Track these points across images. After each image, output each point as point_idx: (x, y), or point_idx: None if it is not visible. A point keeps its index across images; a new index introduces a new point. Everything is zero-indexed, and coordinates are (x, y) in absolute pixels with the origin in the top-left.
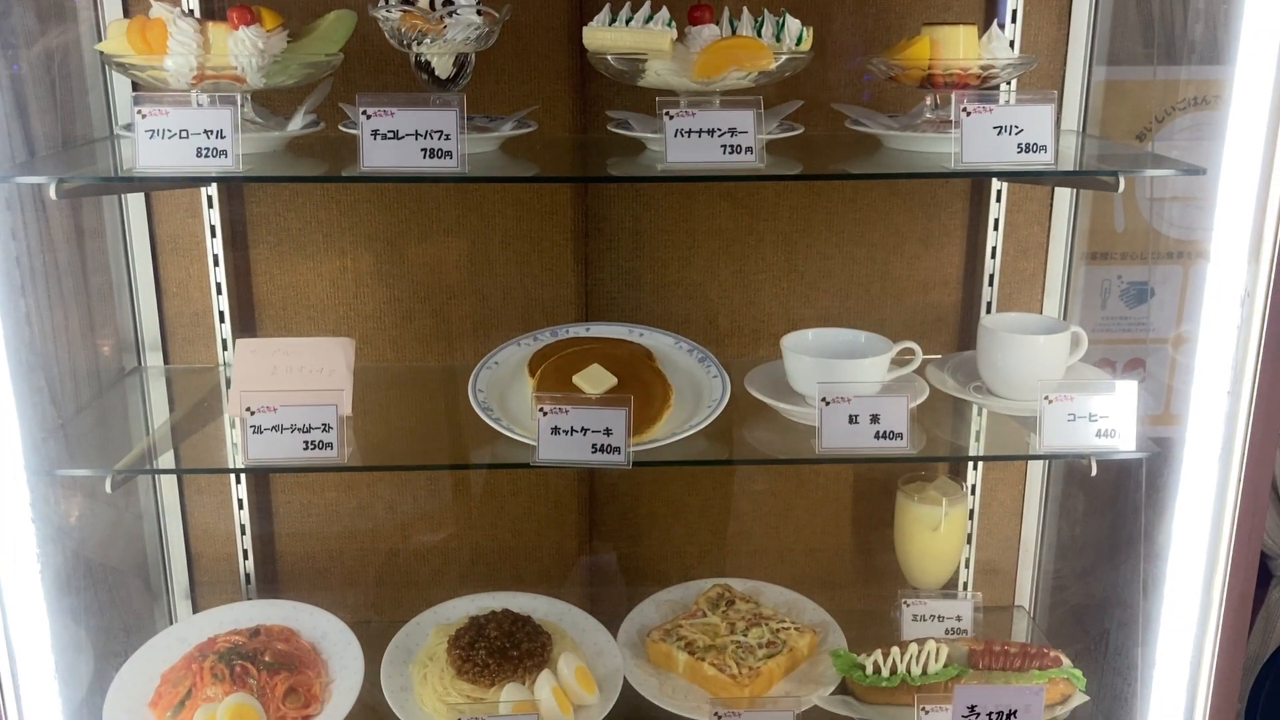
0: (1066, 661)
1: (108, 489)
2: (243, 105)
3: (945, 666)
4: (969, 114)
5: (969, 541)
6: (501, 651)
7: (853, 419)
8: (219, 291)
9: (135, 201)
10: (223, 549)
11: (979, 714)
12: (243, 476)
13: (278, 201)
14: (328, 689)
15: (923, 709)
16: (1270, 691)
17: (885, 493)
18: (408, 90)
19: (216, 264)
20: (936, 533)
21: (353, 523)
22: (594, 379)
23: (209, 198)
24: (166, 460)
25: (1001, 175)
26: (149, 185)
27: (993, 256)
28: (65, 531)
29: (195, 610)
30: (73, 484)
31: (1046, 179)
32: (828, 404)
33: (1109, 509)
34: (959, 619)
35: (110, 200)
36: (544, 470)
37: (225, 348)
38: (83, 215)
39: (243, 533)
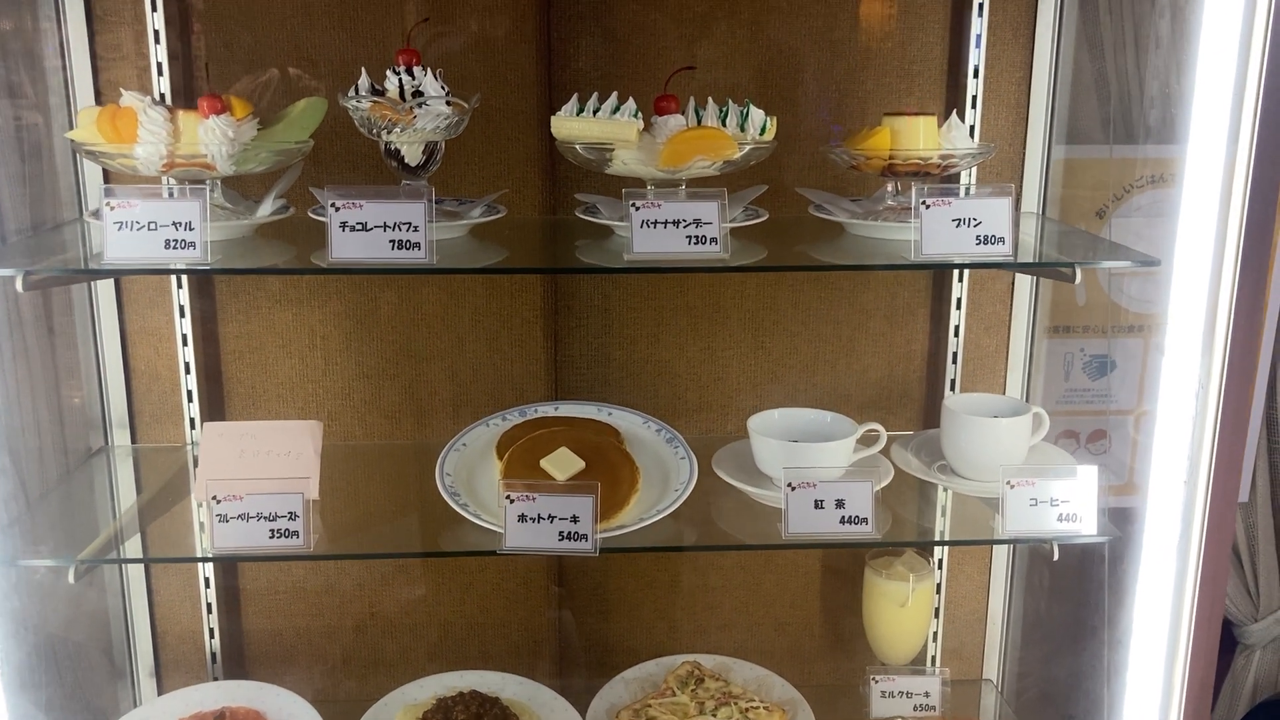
0: None
1: (70, 580)
2: (212, 190)
3: None
4: (928, 207)
5: (936, 616)
6: None
7: (818, 504)
8: (187, 371)
9: (104, 283)
10: (188, 627)
11: None
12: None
13: (247, 281)
14: None
15: None
16: None
17: (853, 567)
18: (377, 175)
19: (185, 344)
20: (904, 608)
21: (319, 600)
22: (562, 463)
23: (178, 279)
24: (133, 546)
25: (960, 266)
26: (117, 274)
27: (956, 334)
28: (28, 619)
29: (160, 691)
30: (36, 571)
31: (1005, 269)
32: (794, 489)
33: (1073, 588)
34: (927, 695)
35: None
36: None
37: (193, 426)
38: (51, 296)
39: (209, 612)
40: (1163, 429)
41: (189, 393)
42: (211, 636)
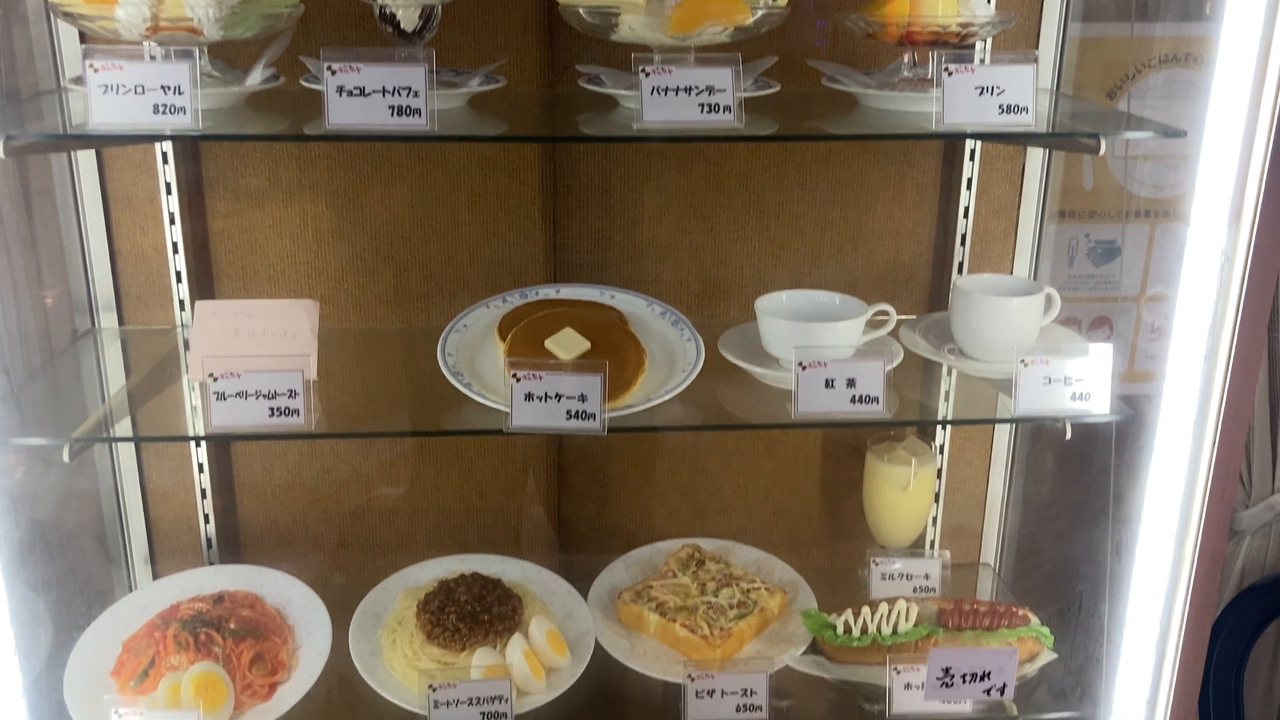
0: (1034, 620)
1: (65, 458)
2: (199, 59)
3: (915, 626)
4: (951, 74)
5: (937, 501)
6: (472, 615)
7: (829, 383)
8: (175, 251)
9: (86, 158)
10: (183, 514)
11: (953, 676)
12: (203, 441)
13: (235, 158)
14: (295, 655)
15: (895, 669)
16: (1225, 641)
17: (854, 453)
18: (370, 44)
19: (172, 222)
20: (905, 492)
21: (316, 486)
22: (567, 343)
23: (164, 154)
24: (125, 428)
25: (982, 137)
26: (102, 142)
27: (965, 215)
28: (21, 500)
29: (156, 577)
30: (27, 452)
31: (1027, 141)
32: (804, 368)
33: (1077, 470)
34: (927, 577)
35: (59, 156)
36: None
37: (183, 308)
38: (30, 172)
39: (203, 497)
40: (1183, 304)
41: (177, 274)
42: (206, 522)
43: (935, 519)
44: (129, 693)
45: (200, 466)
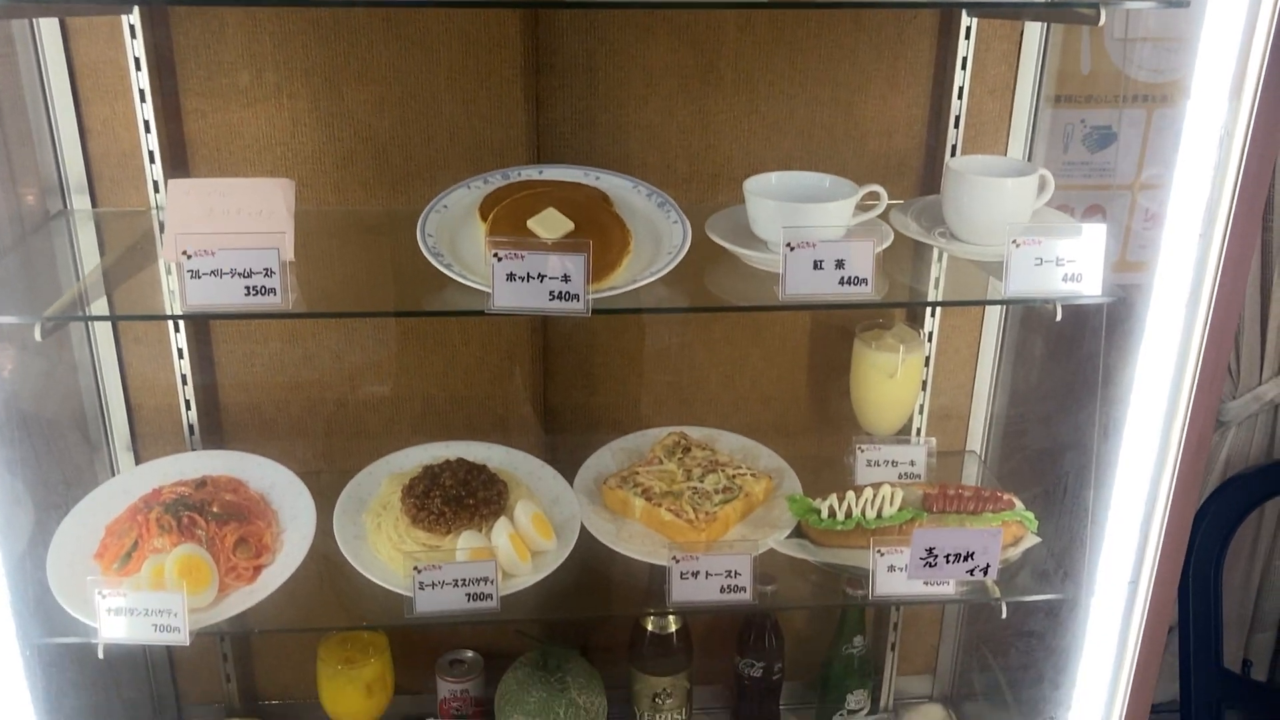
0: (1019, 504)
1: (37, 337)
2: None
3: (900, 510)
4: None
5: (924, 388)
6: (457, 500)
7: (817, 264)
8: (147, 130)
9: (50, 31)
10: (164, 400)
11: (937, 556)
12: (181, 325)
13: (206, 32)
14: (279, 539)
15: (878, 551)
16: (1206, 530)
17: (841, 340)
18: None
19: (143, 99)
20: (893, 380)
21: (299, 373)
22: (550, 223)
23: (131, 27)
24: (100, 308)
25: (980, 5)
26: (64, 8)
27: (959, 97)
28: None
29: (138, 463)
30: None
31: (1024, 11)
32: (792, 249)
33: (1065, 353)
34: (912, 464)
35: (21, 30)
36: (496, 319)
37: (156, 190)
38: None
39: (184, 383)
40: (1179, 181)
41: (150, 154)
42: (188, 409)
43: (922, 406)
44: (112, 575)
45: (180, 352)
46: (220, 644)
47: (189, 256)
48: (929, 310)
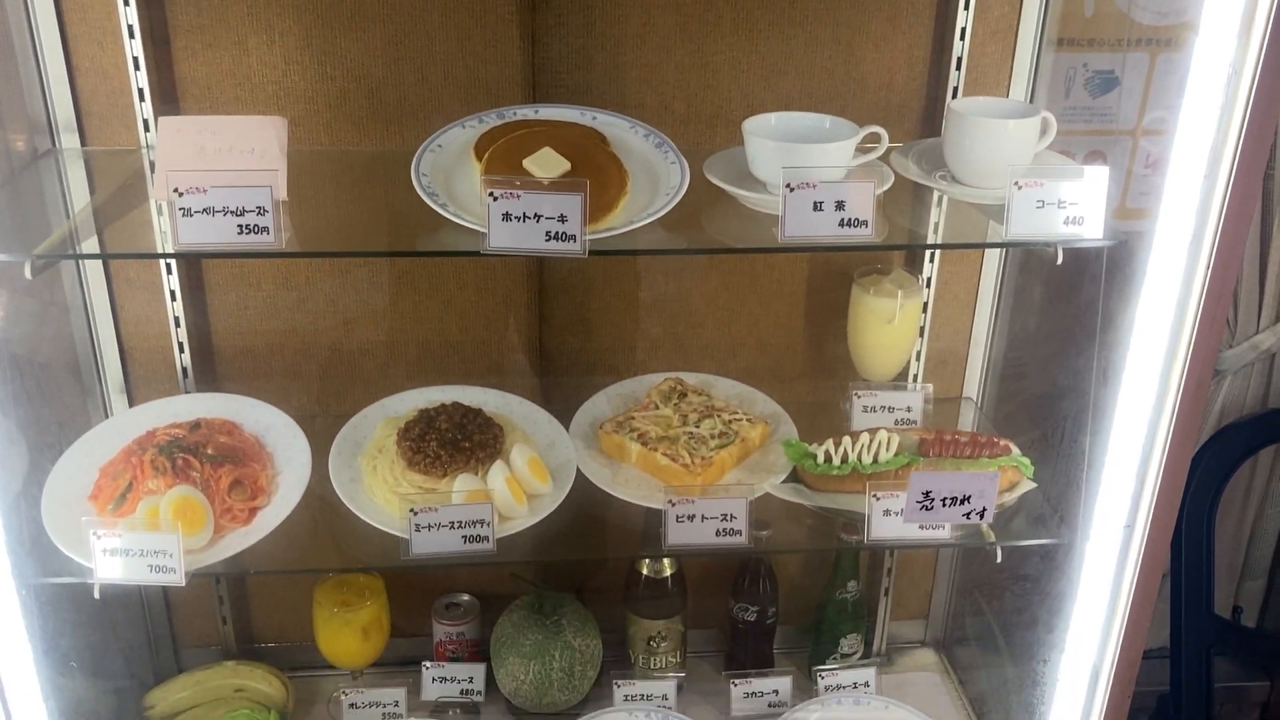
0: (1015, 450)
1: (27, 275)
2: None
3: (896, 455)
4: None
5: (921, 335)
6: (453, 443)
7: (817, 206)
8: (136, 68)
9: None
10: (157, 343)
11: (933, 500)
12: (174, 268)
13: None
14: (274, 481)
15: (874, 495)
16: (1200, 478)
17: (839, 286)
18: None
19: (132, 36)
20: (890, 325)
21: (292, 317)
22: (546, 163)
23: None
24: (90, 247)
25: None
26: None
27: (961, 38)
28: None
29: (131, 406)
30: None
31: None
32: (791, 190)
33: (1065, 297)
34: (909, 410)
35: None
36: (491, 263)
37: (146, 129)
38: None
39: (177, 326)
40: (1184, 123)
41: (140, 91)
42: (181, 352)
43: (919, 353)
44: (107, 516)
45: (173, 294)
46: (216, 586)
47: (180, 194)
48: (927, 256)
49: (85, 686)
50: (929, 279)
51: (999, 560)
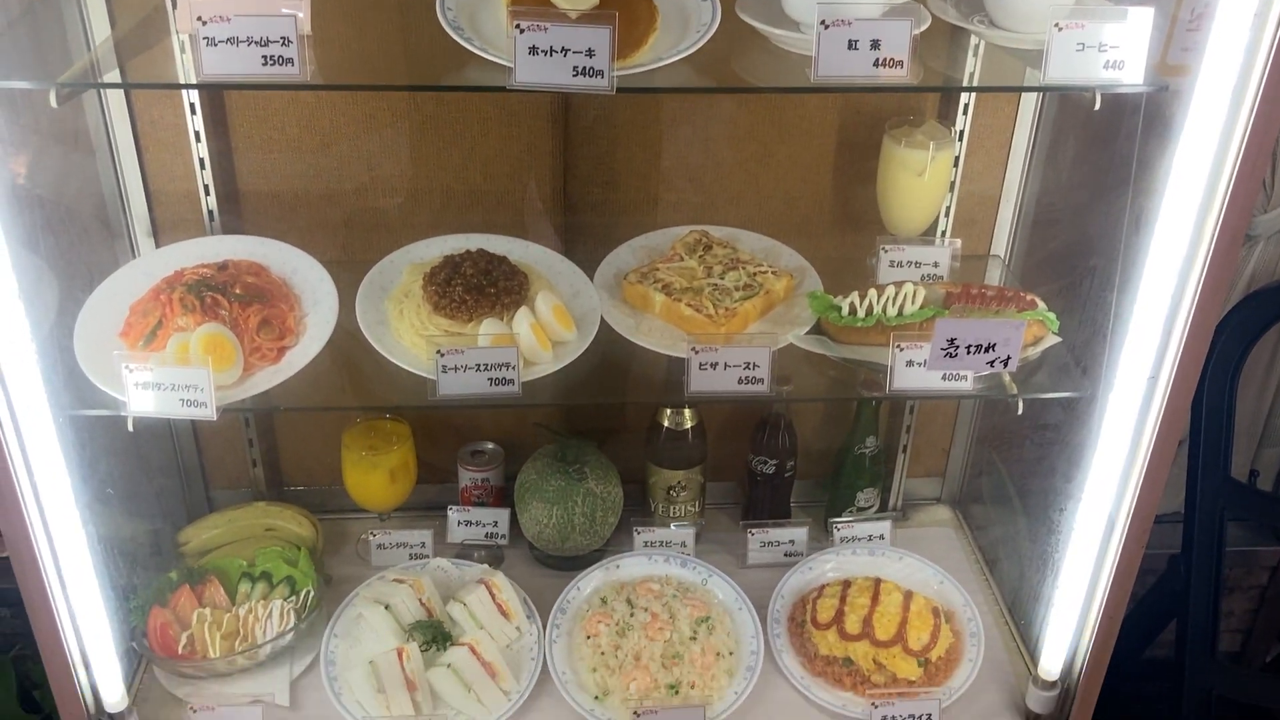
0: (1041, 305)
1: (52, 103)
2: None
3: (921, 308)
4: None
5: (952, 190)
6: (478, 289)
7: (852, 44)
8: None
9: None
10: (182, 185)
11: (958, 347)
12: (198, 108)
13: None
14: (301, 322)
15: (898, 346)
16: (1225, 342)
17: (870, 138)
18: None
19: None
20: (921, 178)
21: (316, 162)
22: None
23: None
24: (113, 78)
25: None
26: None
27: None
28: (8, 152)
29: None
30: (12, 103)
31: None
32: (826, 27)
33: (1099, 151)
34: (936, 265)
35: None
36: (515, 109)
37: None
38: None
39: (201, 168)
40: None
41: None
42: (207, 194)
43: (949, 209)
44: (138, 352)
45: (197, 135)
46: (246, 429)
47: (204, 23)
48: (960, 108)
49: (123, 523)
50: (961, 132)
51: (1020, 412)
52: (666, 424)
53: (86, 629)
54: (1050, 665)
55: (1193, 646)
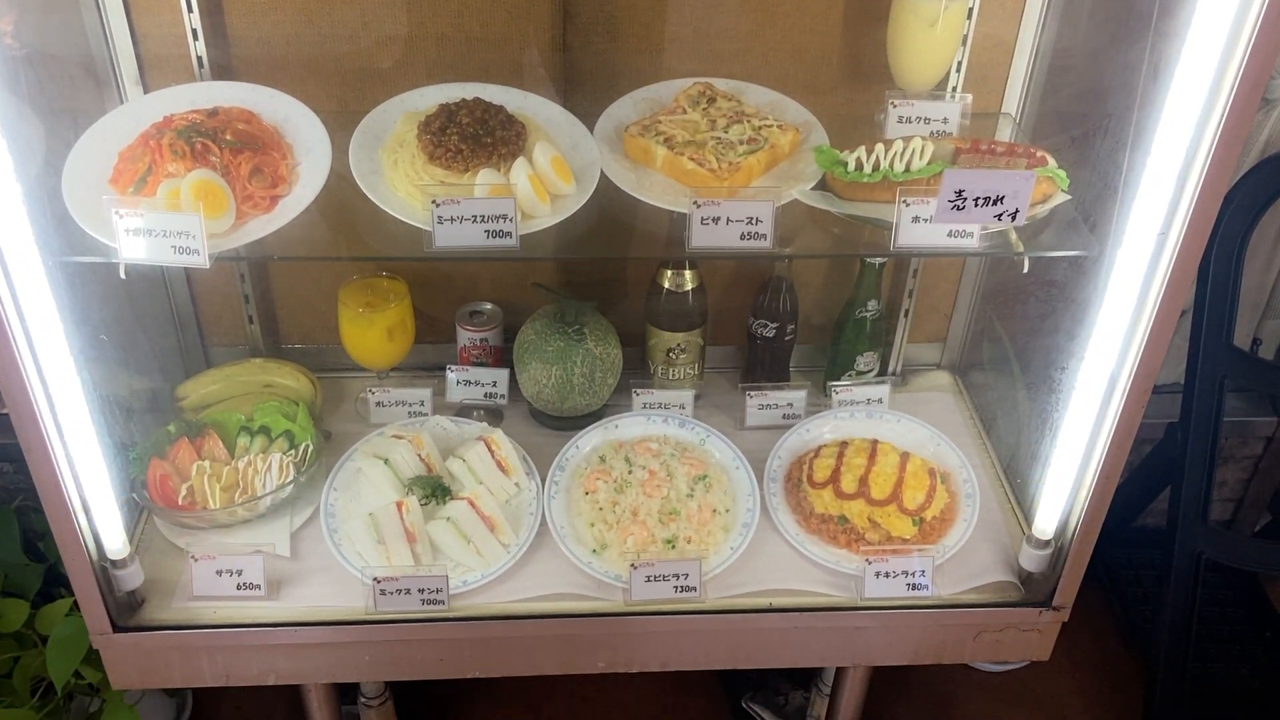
0: (1052, 161)
1: None
2: None
3: (929, 164)
4: None
5: (964, 44)
6: (474, 138)
7: None
8: None
9: None
10: (170, 30)
11: (965, 199)
12: None
13: None
14: (294, 171)
15: (904, 201)
16: (1237, 207)
17: None
18: None
19: None
20: (933, 29)
21: (308, 4)
22: None
23: None
24: None
25: None
26: None
27: None
28: None
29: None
30: None
31: None
32: None
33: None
34: (945, 121)
35: None
36: None
37: None
38: None
39: (189, 10)
40: None
41: None
42: (195, 39)
43: (960, 64)
44: (128, 197)
45: None
46: (241, 284)
47: None
48: None
49: (120, 377)
50: None
51: (1025, 270)
52: (667, 286)
53: (86, 478)
54: (1045, 524)
55: (1185, 509)
